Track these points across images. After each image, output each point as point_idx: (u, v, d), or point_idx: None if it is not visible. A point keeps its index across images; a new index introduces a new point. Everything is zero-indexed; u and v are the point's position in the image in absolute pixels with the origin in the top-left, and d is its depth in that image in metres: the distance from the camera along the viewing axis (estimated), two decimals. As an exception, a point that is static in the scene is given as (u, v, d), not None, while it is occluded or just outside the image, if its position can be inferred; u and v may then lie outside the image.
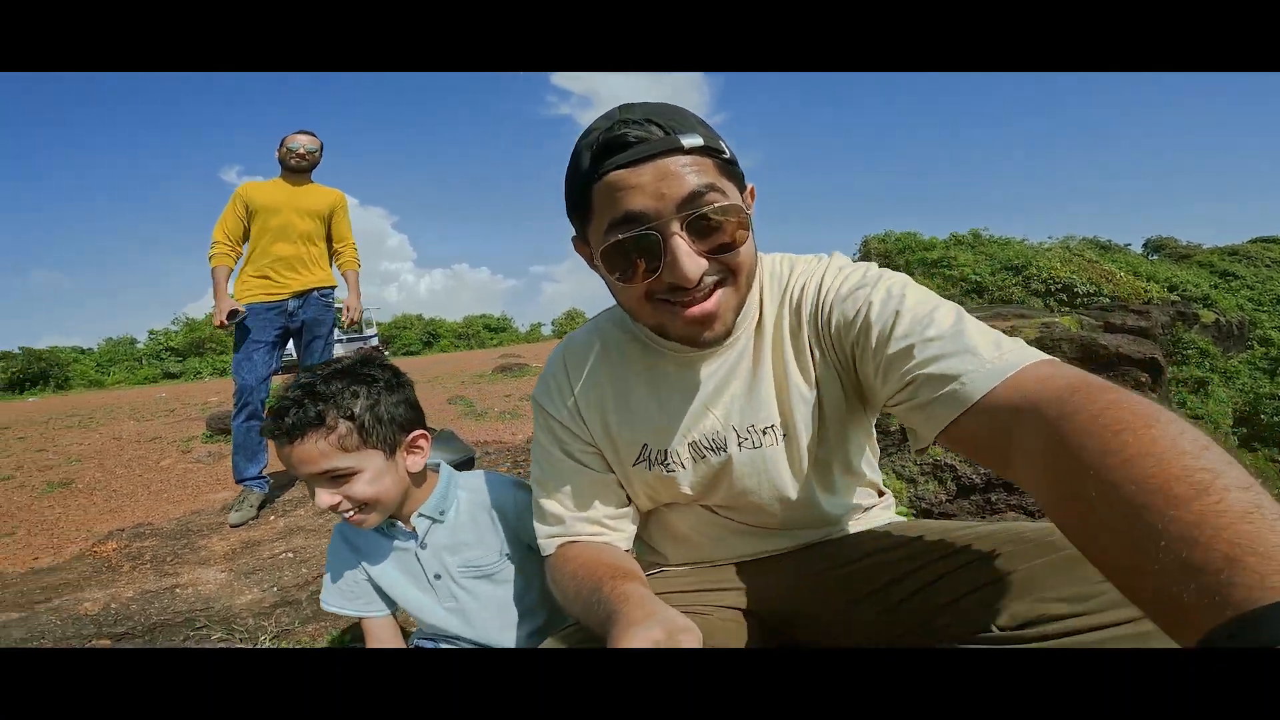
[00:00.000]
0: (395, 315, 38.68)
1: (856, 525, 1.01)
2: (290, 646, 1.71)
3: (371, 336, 26.65)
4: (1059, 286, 11.40)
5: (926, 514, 2.42)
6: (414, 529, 1.18)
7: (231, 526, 2.95)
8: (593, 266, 0.84)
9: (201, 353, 28.81)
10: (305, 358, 3.32)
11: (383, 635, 1.26)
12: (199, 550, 2.70)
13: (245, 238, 3.18)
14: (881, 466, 2.70)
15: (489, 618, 1.21)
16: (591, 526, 0.95)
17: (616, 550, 0.95)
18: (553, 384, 0.99)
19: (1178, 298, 12.83)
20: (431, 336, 37.39)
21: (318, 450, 1.04)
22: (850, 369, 0.86)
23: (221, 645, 1.74)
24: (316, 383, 1.07)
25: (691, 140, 0.74)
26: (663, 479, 0.94)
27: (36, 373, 26.92)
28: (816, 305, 0.87)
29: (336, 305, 3.46)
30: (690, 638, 0.65)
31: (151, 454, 5.48)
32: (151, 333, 32.55)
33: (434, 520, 1.18)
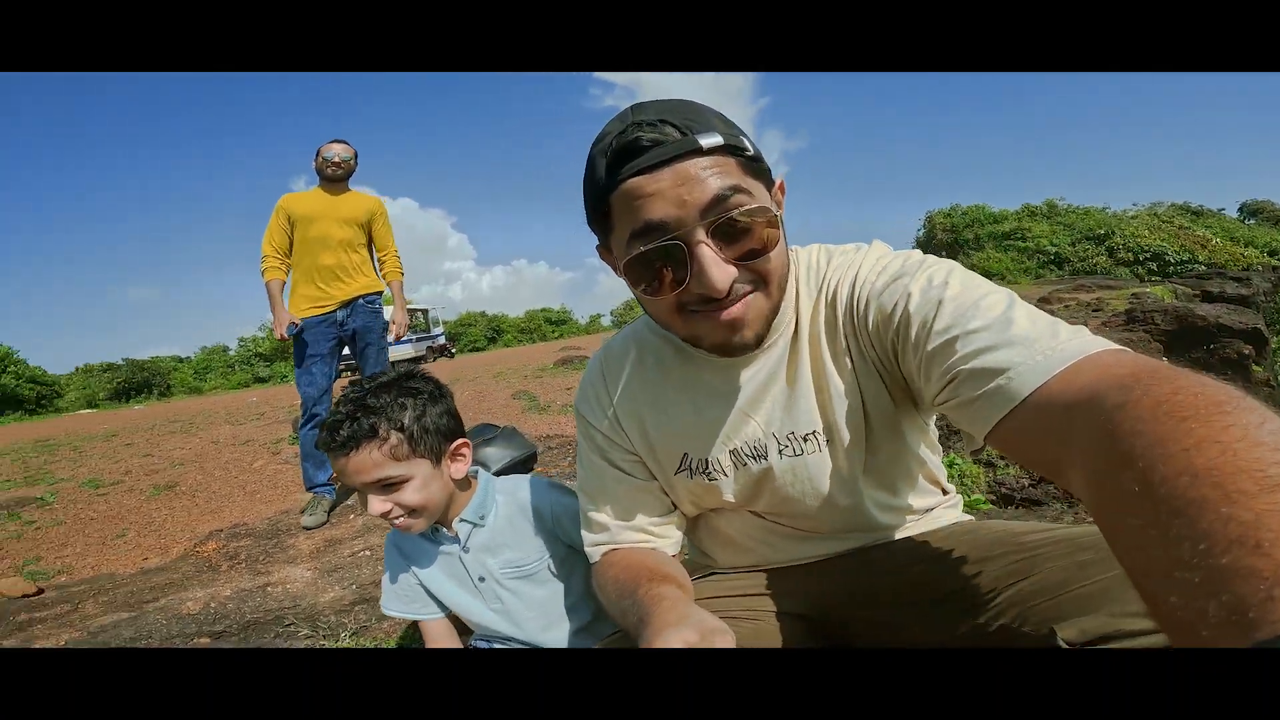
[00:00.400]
0: (460, 313, 39.96)
1: (916, 527, 0.96)
2: (368, 641, 1.80)
3: (439, 335, 27.70)
4: (1148, 255, 10.73)
5: (1008, 499, 2.30)
6: (456, 534, 1.23)
7: (305, 529, 3.12)
8: (620, 276, 0.82)
9: (288, 357, 30.60)
10: (362, 364, 3.39)
11: (439, 636, 1.32)
12: (287, 549, 2.87)
13: (292, 249, 3.25)
14: (957, 450, 2.59)
15: (533, 617, 1.25)
16: (636, 534, 0.95)
17: (659, 554, 0.94)
18: (592, 394, 0.99)
19: (1279, 263, 11.76)
20: (495, 332, 38.44)
21: (371, 460, 1.09)
22: (893, 368, 0.80)
23: (307, 642, 1.85)
24: (366, 396, 1.13)
25: (710, 140, 0.70)
26: (705, 487, 0.93)
27: (140, 382, 29.36)
28: (852, 301, 0.82)
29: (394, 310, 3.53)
30: (724, 639, 0.64)
31: (245, 456, 5.86)
32: (241, 340, 34.80)
33: (475, 524, 1.24)
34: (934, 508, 0.98)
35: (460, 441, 1.20)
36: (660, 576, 0.82)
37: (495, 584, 1.25)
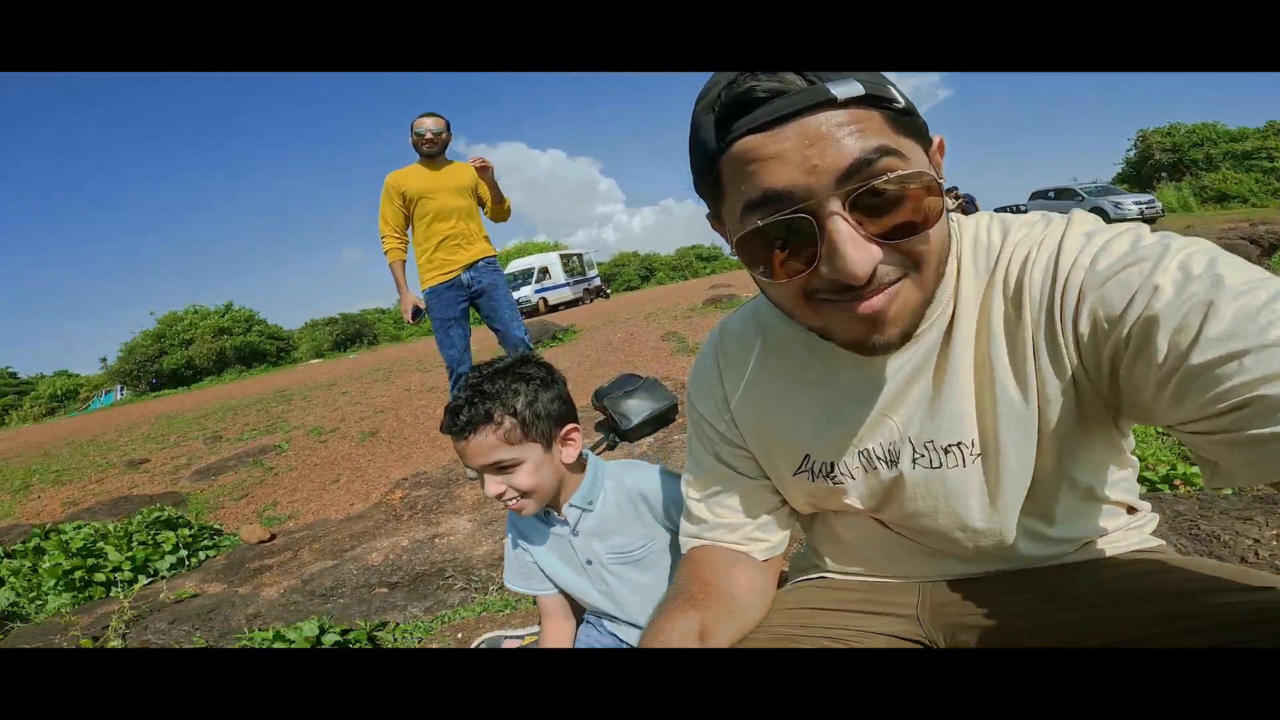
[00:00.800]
0: (614, 254, 41.11)
1: (1087, 552, 0.79)
2: (511, 597, 1.99)
3: (594, 277, 28.74)
4: None
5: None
6: (566, 518, 1.30)
7: (469, 479, 3.48)
8: (733, 253, 0.68)
9: (463, 304, 34.09)
10: (495, 321, 3.45)
11: (554, 611, 1.42)
12: (455, 500, 3.25)
13: (409, 225, 3.36)
14: (1159, 435, 2.17)
15: (637, 602, 1.30)
16: (732, 535, 0.87)
17: (737, 563, 0.88)
18: (704, 384, 0.90)
19: None
20: (648, 270, 39.08)
21: (487, 444, 1.17)
22: (1106, 379, 0.63)
23: (461, 594, 2.09)
24: (483, 383, 1.20)
25: (847, 89, 0.56)
26: (829, 490, 0.82)
27: (353, 333, 34.17)
28: (1053, 290, 0.64)
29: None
30: None
31: (431, 403, 6.58)
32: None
33: (584, 510, 1.29)
34: (1115, 530, 0.80)
35: (570, 426, 1.26)
36: (690, 602, 0.79)
37: (601, 568, 1.31)
